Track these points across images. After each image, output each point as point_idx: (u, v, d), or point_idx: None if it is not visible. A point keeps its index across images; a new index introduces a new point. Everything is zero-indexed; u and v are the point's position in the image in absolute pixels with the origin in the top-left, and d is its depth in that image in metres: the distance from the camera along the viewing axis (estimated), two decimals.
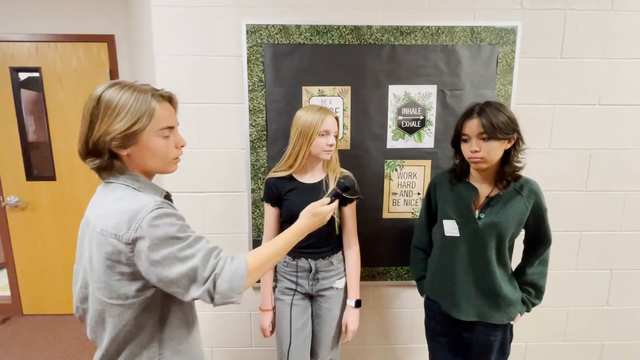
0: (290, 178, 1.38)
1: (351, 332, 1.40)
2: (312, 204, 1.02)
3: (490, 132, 1.11)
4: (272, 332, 1.46)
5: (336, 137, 1.36)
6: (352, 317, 1.41)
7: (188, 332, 0.92)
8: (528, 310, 1.30)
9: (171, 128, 0.87)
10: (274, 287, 1.47)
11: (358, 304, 1.42)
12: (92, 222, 0.81)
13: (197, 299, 0.80)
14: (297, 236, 0.98)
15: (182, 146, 0.91)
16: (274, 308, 1.46)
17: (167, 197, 0.94)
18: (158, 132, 0.83)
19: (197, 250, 0.80)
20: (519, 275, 1.30)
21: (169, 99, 0.88)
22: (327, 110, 1.33)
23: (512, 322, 1.27)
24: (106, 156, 0.81)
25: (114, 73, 2.27)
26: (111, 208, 0.80)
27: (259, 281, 1.60)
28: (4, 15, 2.18)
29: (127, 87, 0.81)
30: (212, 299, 0.79)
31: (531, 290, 1.28)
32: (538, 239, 1.25)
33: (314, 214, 1.00)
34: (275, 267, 1.46)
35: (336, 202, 1.05)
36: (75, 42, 2.24)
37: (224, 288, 0.79)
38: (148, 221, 0.76)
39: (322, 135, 1.32)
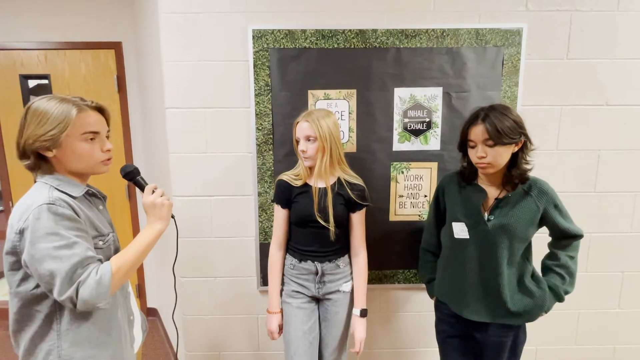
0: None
1: (359, 342, 1.38)
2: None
3: (496, 138, 1.10)
4: (279, 334, 1.45)
5: (319, 139, 1.28)
6: (359, 327, 1.39)
7: (88, 322, 0.95)
8: (560, 299, 1.22)
9: (96, 133, 0.95)
10: (281, 290, 1.47)
11: (364, 313, 1.41)
12: None
13: (61, 301, 0.85)
14: (154, 231, 1.02)
15: (108, 150, 1.00)
16: (281, 311, 1.45)
17: (94, 194, 1.02)
18: (81, 137, 0.93)
19: (73, 254, 0.84)
20: (549, 259, 1.26)
21: (98, 109, 0.98)
22: (303, 114, 1.33)
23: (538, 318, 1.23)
24: (32, 158, 0.91)
25: (121, 79, 2.30)
26: (18, 202, 0.90)
27: (266, 284, 1.60)
28: (14, 24, 2.22)
29: (54, 99, 0.91)
30: (74, 305, 0.85)
31: (565, 274, 1.22)
32: (564, 235, 1.22)
33: (147, 207, 1.03)
34: (283, 270, 1.46)
35: (148, 187, 1.07)
36: (84, 49, 2.27)
37: (86, 296, 0.84)
38: (35, 214, 0.84)
39: (297, 141, 1.34)
